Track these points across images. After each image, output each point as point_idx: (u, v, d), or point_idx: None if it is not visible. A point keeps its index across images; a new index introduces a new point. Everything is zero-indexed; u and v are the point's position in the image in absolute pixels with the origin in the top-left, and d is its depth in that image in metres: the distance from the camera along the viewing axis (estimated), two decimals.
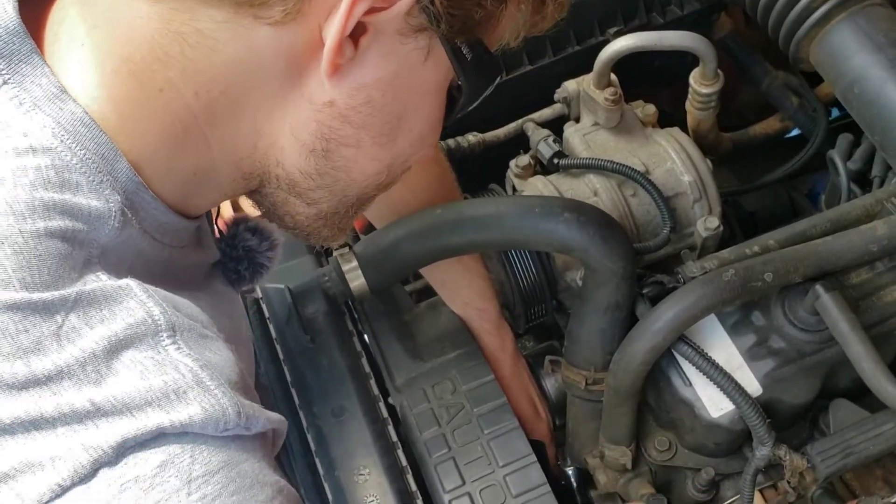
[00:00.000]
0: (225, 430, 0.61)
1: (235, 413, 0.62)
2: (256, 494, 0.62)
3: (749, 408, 0.98)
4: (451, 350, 1.11)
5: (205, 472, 0.60)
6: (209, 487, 0.59)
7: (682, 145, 1.20)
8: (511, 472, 0.98)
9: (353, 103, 0.70)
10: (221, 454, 0.61)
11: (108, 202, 0.64)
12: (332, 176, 0.75)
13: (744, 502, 1.04)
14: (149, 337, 0.61)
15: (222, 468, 0.61)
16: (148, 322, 0.61)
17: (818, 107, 1.47)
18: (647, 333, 1.00)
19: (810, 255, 1.02)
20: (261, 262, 0.90)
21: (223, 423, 0.61)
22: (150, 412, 0.59)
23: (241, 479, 0.61)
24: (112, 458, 0.57)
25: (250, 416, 0.63)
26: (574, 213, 1.02)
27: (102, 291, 0.61)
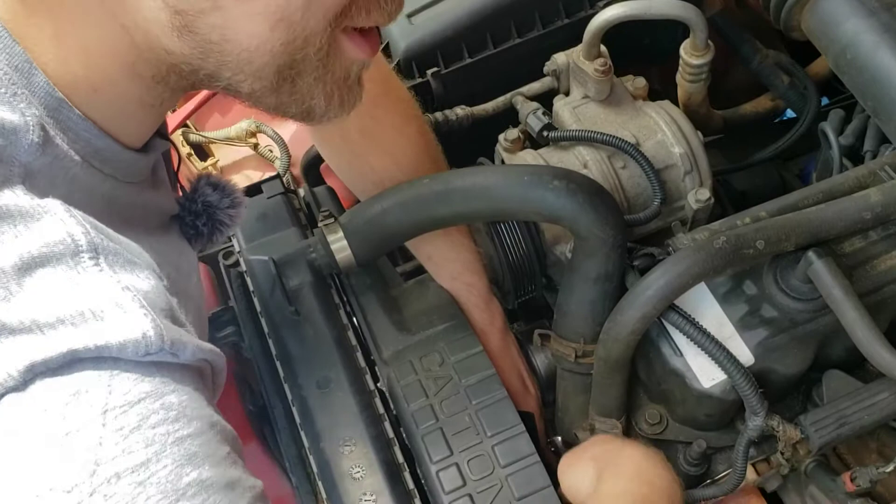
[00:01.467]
0: (147, 355, 0.57)
1: (157, 336, 0.57)
2: (182, 427, 0.57)
3: (741, 377, 0.97)
4: (438, 323, 1.09)
5: (123, 402, 0.55)
6: (127, 418, 0.55)
7: (673, 117, 1.18)
8: (499, 443, 0.96)
9: None
10: (143, 384, 0.57)
11: (24, 115, 0.61)
12: (218, 50, 0.64)
13: (736, 475, 1.02)
14: (67, 257, 0.57)
15: (144, 398, 0.56)
16: (67, 241, 0.58)
17: (809, 84, 1.47)
18: (637, 302, 0.98)
19: (803, 223, 1.00)
20: (220, 219, 0.87)
21: (144, 346, 0.56)
22: (62, 331, 0.55)
23: (166, 411, 0.57)
24: (19, 383, 0.53)
25: (176, 340, 0.59)
26: (563, 181, 1.00)
27: (18, 207, 0.58)
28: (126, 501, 0.53)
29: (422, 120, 1.15)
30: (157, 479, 0.54)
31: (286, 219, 1.16)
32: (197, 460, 0.57)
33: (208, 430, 0.60)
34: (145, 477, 0.54)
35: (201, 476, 0.57)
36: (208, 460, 0.58)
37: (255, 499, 0.61)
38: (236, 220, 0.89)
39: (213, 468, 0.58)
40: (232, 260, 1.17)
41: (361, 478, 0.94)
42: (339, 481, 0.94)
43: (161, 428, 0.56)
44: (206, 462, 0.58)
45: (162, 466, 0.55)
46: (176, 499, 0.54)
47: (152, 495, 0.54)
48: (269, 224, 1.15)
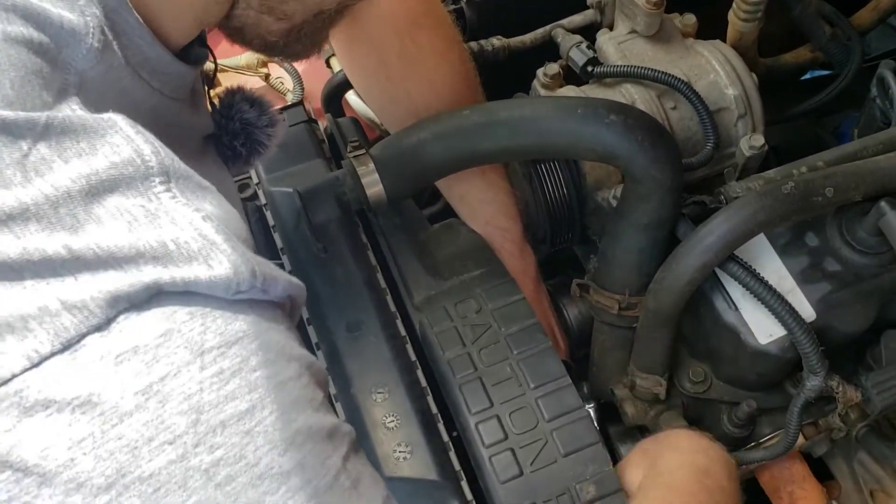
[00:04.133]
0: (238, 293, 0.50)
1: (250, 271, 0.50)
2: (282, 370, 0.52)
3: (803, 334, 0.90)
4: (473, 268, 1.01)
5: (220, 342, 0.49)
6: (226, 361, 0.49)
7: (727, 57, 1.11)
8: (544, 395, 0.89)
9: None
10: (239, 322, 0.50)
11: (85, 15, 0.54)
12: None
13: (788, 438, 0.96)
14: (137, 181, 0.50)
15: (241, 338, 0.50)
16: (136, 162, 0.50)
17: (853, 35, 1.39)
18: (697, 249, 0.91)
19: (874, 171, 0.94)
20: (259, 140, 0.80)
21: (236, 283, 0.50)
22: (144, 265, 0.47)
23: (265, 352, 0.51)
24: (102, 322, 0.46)
25: (268, 275, 0.52)
26: (621, 115, 0.92)
27: (81, 121, 0.50)
28: (234, 453, 0.48)
29: (463, 46, 1.06)
30: (264, 427, 0.49)
31: (310, 149, 1.07)
32: (300, 406, 0.52)
33: (306, 371, 0.54)
34: (252, 425, 0.49)
35: (307, 423, 0.51)
36: (310, 405, 0.53)
37: (351, 446, 0.56)
38: (274, 141, 0.82)
39: (315, 414, 0.53)
40: (249, 192, 1.08)
41: (396, 427, 0.87)
42: (372, 430, 0.87)
43: (263, 371, 0.50)
44: (308, 407, 0.52)
45: (268, 413, 0.49)
46: (285, 448, 0.50)
47: (260, 445, 0.49)
48: (292, 154, 1.06)
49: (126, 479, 0.45)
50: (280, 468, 0.49)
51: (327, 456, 0.52)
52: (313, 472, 0.51)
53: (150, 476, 0.46)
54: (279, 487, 0.49)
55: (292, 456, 0.50)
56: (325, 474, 0.51)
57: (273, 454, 0.49)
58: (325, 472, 0.51)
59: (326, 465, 0.52)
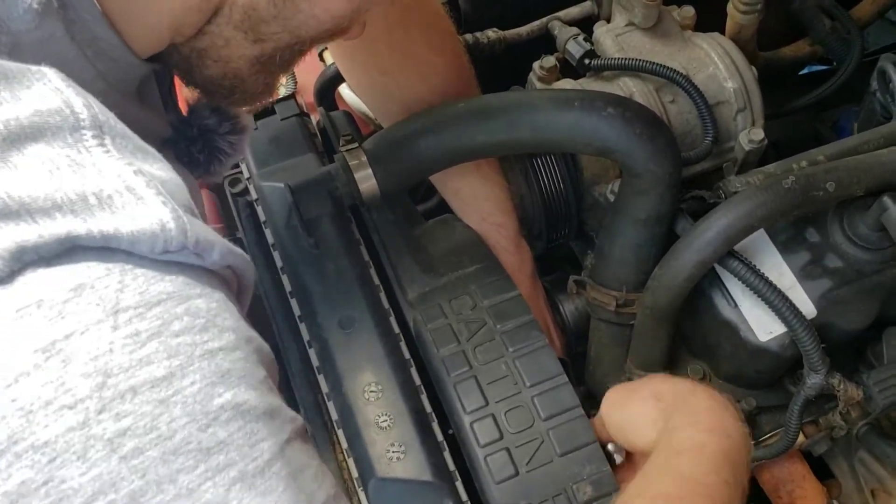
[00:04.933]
0: (166, 253, 0.46)
1: (179, 229, 0.46)
2: (212, 339, 0.46)
3: (804, 331, 0.89)
4: (468, 264, 0.99)
5: (139, 301, 0.44)
6: (144, 323, 0.44)
7: (727, 50, 1.09)
8: (540, 394, 0.87)
9: None
10: (164, 283, 0.46)
11: None
12: (295, 4, 0.64)
13: (788, 436, 0.95)
14: (66, 131, 0.46)
15: (165, 300, 0.45)
16: (65, 112, 0.47)
17: (853, 28, 1.38)
18: (695, 244, 0.90)
19: (875, 166, 0.92)
20: (219, 146, 0.75)
21: (162, 240, 0.46)
22: (59, 218, 0.44)
23: (192, 318, 0.46)
24: (5, 274, 0.42)
25: (202, 238, 0.48)
26: (619, 108, 0.91)
27: (3, 69, 0.46)
28: (144, 423, 0.43)
29: (457, 38, 1.04)
30: (183, 397, 0.44)
31: (302, 143, 1.05)
32: (231, 379, 0.46)
33: (244, 345, 0.49)
34: (168, 394, 0.44)
35: (236, 399, 0.46)
36: (244, 381, 0.47)
37: (295, 433, 0.51)
38: (238, 149, 0.77)
39: (250, 391, 0.47)
40: (239, 188, 1.06)
41: (389, 427, 0.85)
42: (364, 430, 0.85)
43: (186, 336, 0.45)
44: (241, 383, 0.47)
45: (189, 383, 0.45)
46: (206, 423, 0.45)
47: (177, 417, 0.44)
48: (283, 148, 1.04)
49: (18, 446, 0.41)
50: (199, 444, 0.44)
51: (261, 438, 0.47)
52: (239, 454, 0.46)
53: (46, 444, 0.41)
54: (197, 465, 0.44)
55: (215, 433, 0.45)
56: (254, 458, 0.46)
57: (191, 428, 0.44)
58: (255, 455, 0.46)
59: (258, 448, 0.47)
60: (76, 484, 0.41)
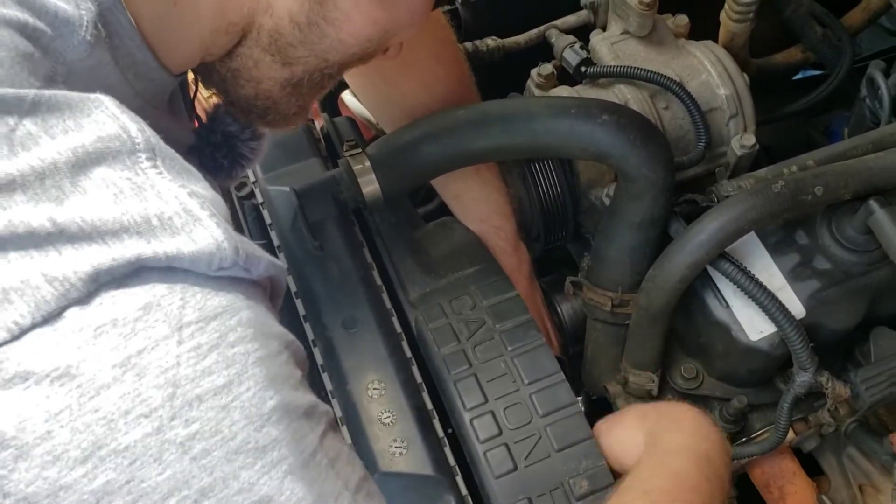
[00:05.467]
0: (220, 270, 0.51)
1: (233, 248, 0.51)
2: (261, 346, 0.52)
3: (793, 330, 0.92)
4: (468, 265, 1.02)
5: (199, 317, 0.50)
6: (204, 336, 0.49)
7: (719, 57, 1.12)
8: (538, 391, 0.90)
9: None
10: (219, 297, 0.51)
11: (80, 8, 0.54)
12: (321, 30, 0.67)
13: (778, 433, 0.98)
14: (124, 155, 0.51)
15: (220, 314, 0.50)
16: (123, 137, 0.51)
17: (844, 36, 1.41)
18: (688, 247, 0.93)
19: (862, 171, 0.95)
20: (241, 152, 0.80)
21: (218, 259, 0.50)
22: (127, 240, 0.48)
23: (244, 329, 0.51)
24: (83, 295, 0.47)
25: (250, 254, 0.53)
26: (613, 115, 0.94)
27: (67, 99, 0.51)
28: (209, 427, 0.48)
29: (458, 46, 1.07)
30: (241, 402, 0.50)
31: (306, 148, 1.08)
32: (278, 383, 0.52)
33: (285, 349, 0.55)
34: (228, 401, 0.49)
35: (284, 400, 0.52)
36: (288, 383, 0.53)
37: (329, 425, 0.57)
38: (258, 153, 0.83)
39: (293, 391, 0.53)
40: (246, 191, 1.09)
41: (392, 423, 0.88)
42: (368, 426, 0.88)
43: (241, 347, 0.51)
44: (285, 385, 0.53)
45: (245, 389, 0.50)
46: (261, 424, 0.50)
47: (237, 420, 0.49)
48: (289, 153, 1.07)
49: (102, 451, 0.46)
50: (256, 443, 0.49)
51: (304, 434, 0.53)
52: (289, 449, 0.51)
53: (126, 448, 0.46)
54: (255, 462, 0.49)
55: (268, 432, 0.50)
56: (301, 451, 0.52)
57: (249, 429, 0.49)
58: (301, 449, 0.52)
59: (303, 442, 0.52)
60: (154, 483, 0.46)
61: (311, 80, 0.73)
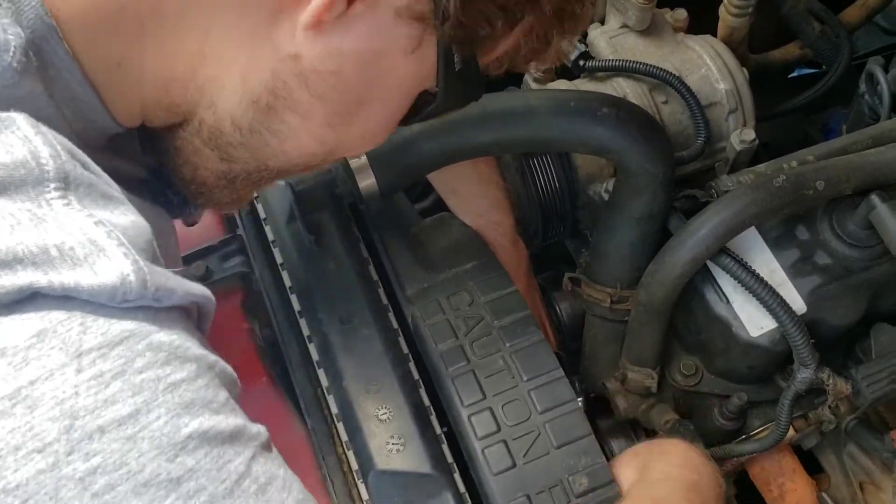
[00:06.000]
0: (125, 302, 0.48)
1: (140, 281, 0.48)
2: (175, 371, 0.48)
3: (794, 326, 0.91)
4: (466, 261, 1.01)
5: (102, 342, 0.46)
6: (107, 363, 0.46)
7: (718, 52, 1.11)
8: (536, 387, 0.89)
9: (321, 67, 0.60)
10: (126, 322, 0.48)
11: (6, 32, 0.51)
12: (263, 138, 0.64)
13: (779, 430, 0.97)
14: (29, 186, 0.47)
15: (127, 338, 0.47)
16: (30, 165, 0.47)
17: (842, 33, 1.40)
18: (689, 242, 0.92)
19: (864, 165, 0.94)
20: None
21: (122, 292, 0.47)
22: (21, 270, 0.45)
23: (154, 353, 0.48)
24: None
25: (161, 285, 0.50)
26: (613, 108, 0.93)
27: None
28: (113, 460, 0.45)
29: None
30: (150, 432, 0.46)
31: None
32: (195, 409, 0.49)
33: (205, 372, 0.51)
34: (135, 431, 0.46)
35: (202, 426, 0.48)
36: (208, 408, 0.50)
37: (260, 448, 0.53)
38: None
39: (214, 416, 0.50)
40: None
41: (388, 420, 0.87)
42: (364, 423, 0.87)
43: (150, 372, 0.47)
44: (205, 410, 0.49)
45: (155, 417, 0.47)
46: (174, 454, 0.47)
47: (145, 451, 0.46)
48: None
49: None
50: (168, 475, 0.46)
51: (228, 460, 0.49)
52: (208, 478, 0.48)
53: (17, 487, 0.43)
54: (168, 495, 0.46)
55: (183, 461, 0.47)
56: (223, 479, 0.49)
57: (160, 460, 0.46)
58: (223, 476, 0.49)
59: (226, 469, 0.49)
60: None
61: (249, 177, 0.70)
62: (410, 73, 0.64)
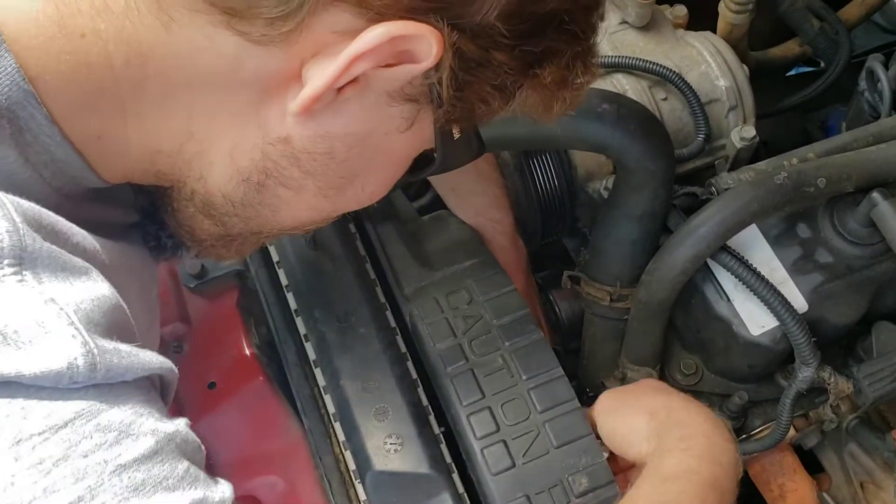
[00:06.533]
0: (73, 383, 0.46)
1: (88, 365, 0.46)
2: (126, 451, 0.46)
3: (795, 325, 0.90)
4: (464, 259, 1.00)
5: (44, 427, 0.44)
6: (48, 448, 0.44)
7: (718, 49, 1.10)
8: (536, 386, 0.88)
9: (312, 149, 0.59)
10: (70, 404, 0.45)
11: None
12: (255, 210, 0.63)
13: (780, 429, 0.96)
14: None
15: (72, 420, 0.45)
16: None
17: (841, 29, 1.40)
18: (689, 239, 0.91)
19: (865, 163, 0.94)
20: None
21: (68, 377, 0.45)
22: None
23: (102, 434, 0.46)
24: None
25: (112, 366, 0.48)
26: (613, 105, 0.92)
27: None
28: None
29: None
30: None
31: None
32: (146, 490, 0.47)
33: (163, 446, 0.49)
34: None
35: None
36: (161, 486, 0.47)
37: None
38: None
39: (169, 493, 0.48)
40: None
41: (386, 420, 0.86)
42: (362, 423, 0.86)
43: (96, 455, 0.45)
44: (157, 489, 0.47)
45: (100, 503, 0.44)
46: None
47: None
48: None
49: None
50: None
51: None
52: None
53: None
54: None
55: None
56: None
57: None
58: None
59: None
60: None
61: (247, 240, 0.69)
62: (405, 146, 0.63)
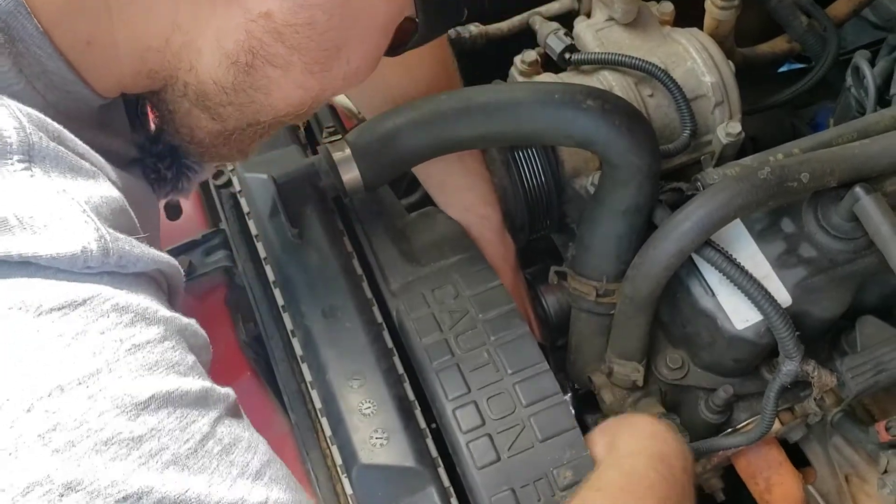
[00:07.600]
0: (87, 268, 0.48)
1: (101, 249, 0.48)
2: (139, 333, 0.49)
3: (779, 318, 0.90)
4: (451, 254, 1.01)
5: (63, 303, 0.46)
6: (69, 323, 0.46)
7: (704, 45, 1.10)
8: (521, 381, 0.89)
9: (294, 21, 0.60)
10: (88, 285, 0.48)
11: None
12: (248, 95, 0.65)
13: (764, 423, 0.97)
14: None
15: (90, 299, 0.47)
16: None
17: (829, 26, 1.40)
18: (673, 234, 0.91)
19: (848, 158, 0.94)
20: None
21: (82, 260, 0.48)
22: None
23: (119, 314, 0.48)
24: None
25: (125, 253, 0.50)
26: (598, 100, 0.92)
27: None
28: (74, 418, 0.45)
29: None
30: (112, 392, 0.46)
31: (285, 134, 1.06)
32: (160, 370, 0.49)
33: (173, 335, 0.51)
34: (96, 390, 0.46)
35: (166, 387, 0.49)
36: (173, 370, 0.50)
37: (227, 410, 0.54)
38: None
39: (180, 378, 0.50)
40: (223, 180, 1.07)
41: (372, 414, 0.86)
42: (347, 417, 0.86)
43: (112, 333, 0.47)
44: (170, 371, 0.50)
45: (116, 377, 0.47)
46: (136, 413, 0.47)
47: (106, 410, 0.46)
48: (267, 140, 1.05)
49: None
50: (130, 433, 0.46)
51: (192, 421, 0.50)
52: (171, 438, 0.48)
53: None
54: (129, 453, 0.46)
55: (145, 421, 0.47)
56: (186, 440, 0.49)
57: (121, 419, 0.46)
58: (186, 437, 0.49)
59: (189, 430, 0.49)
60: (9, 480, 0.42)
61: (244, 132, 0.71)
62: (384, 10, 0.65)
